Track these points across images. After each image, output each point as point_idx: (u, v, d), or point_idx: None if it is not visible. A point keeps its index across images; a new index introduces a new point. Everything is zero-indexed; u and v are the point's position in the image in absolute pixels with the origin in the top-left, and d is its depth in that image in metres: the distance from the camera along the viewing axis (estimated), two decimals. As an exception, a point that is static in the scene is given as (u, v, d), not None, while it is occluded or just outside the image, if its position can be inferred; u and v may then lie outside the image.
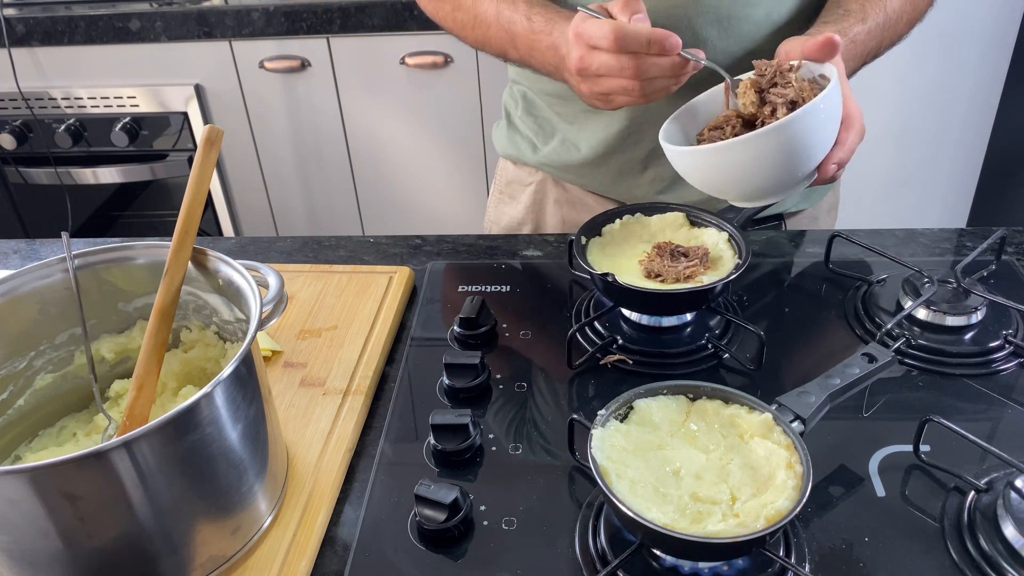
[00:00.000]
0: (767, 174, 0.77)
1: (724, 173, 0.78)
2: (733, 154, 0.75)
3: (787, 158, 0.75)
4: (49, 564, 0.58)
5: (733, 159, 0.76)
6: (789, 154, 0.75)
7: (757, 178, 0.77)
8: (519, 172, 1.16)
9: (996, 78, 2.03)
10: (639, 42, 0.75)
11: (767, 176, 0.77)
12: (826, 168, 0.78)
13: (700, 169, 0.80)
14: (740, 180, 0.78)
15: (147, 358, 0.66)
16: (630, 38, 0.75)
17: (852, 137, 0.78)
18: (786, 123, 0.73)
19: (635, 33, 0.75)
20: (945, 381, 0.78)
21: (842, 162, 0.78)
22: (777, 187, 0.79)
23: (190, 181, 0.66)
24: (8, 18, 1.84)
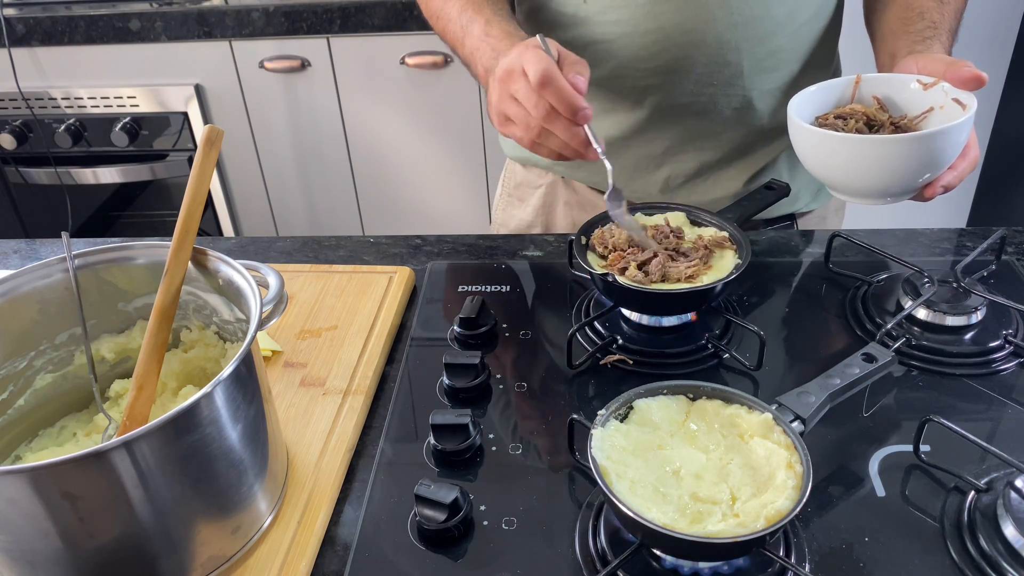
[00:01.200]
0: (886, 176, 0.81)
1: (849, 164, 0.82)
2: (867, 148, 0.79)
3: (912, 167, 0.79)
4: (49, 564, 0.58)
5: (866, 154, 0.80)
6: (916, 164, 0.79)
7: (875, 177, 0.81)
8: (528, 174, 1.16)
9: (996, 78, 2.03)
10: (558, 95, 0.75)
11: (885, 178, 0.81)
12: (934, 188, 0.81)
13: (828, 154, 0.83)
14: (858, 175, 0.82)
15: (147, 358, 0.66)
16: (553, 86, 0.75)
17: (964, 166, 0.81)
18: (931, 135, 0.78)
19: (560, 86, 0.75)
20: (945, 381, 0.78)
21: (949, 186, 0.82)
22: (886, 191, 0.83)
23: (190, 181, 0.66)
24: (8, 18, 1.84)
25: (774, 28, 0.94)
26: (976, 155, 0.83)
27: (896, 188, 0.82)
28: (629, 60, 0.97)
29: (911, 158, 0.79)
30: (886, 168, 0.80)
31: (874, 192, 0.83)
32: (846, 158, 0.81)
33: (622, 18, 0.94)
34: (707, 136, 1.01)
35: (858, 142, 0.80)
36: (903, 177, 0.80)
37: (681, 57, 0.95)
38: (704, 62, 0.94)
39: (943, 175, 0.81)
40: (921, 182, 0.81)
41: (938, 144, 0.78)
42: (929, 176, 0.81)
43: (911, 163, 0.79)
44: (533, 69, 0.75)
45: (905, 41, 0.90)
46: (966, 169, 0.82)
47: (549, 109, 0.76)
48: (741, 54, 0.94)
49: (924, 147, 0.78)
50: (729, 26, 0.92)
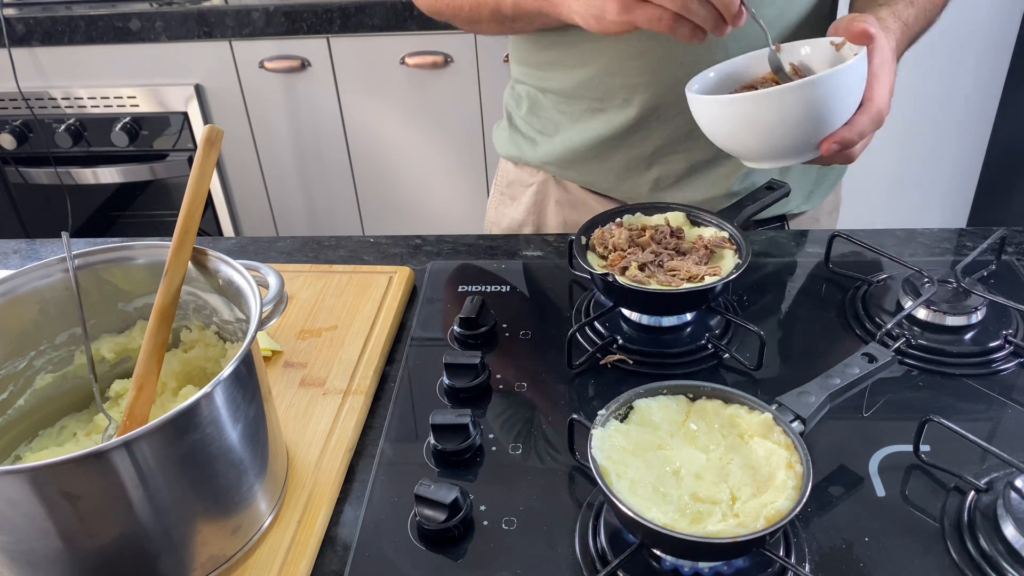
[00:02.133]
0: (776, 134, 0.79)
1: (737, 126, 0.80)
2: (750, 107, 0.78)
3: (797, 121, 0.77)
4: (49, 564, 0.58)
5: (750, 112, 0.78)
6: (800, 117, 0.77)
7: (766, 137, 0.79)
8: (520, 173, 1.16)
9: (996, 78, 2.03)
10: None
11: (775, 136, 0.79)
12: (827, 144, 0.79)
13: (719, 119, 0.82)
14: (750, 135, 0.80)
15: (147, 358, 0.66)
16: None
17: (863, 120, 0.79)
18: (804, 83, 0.75)
19: None
20: (945, 381, 0.78)
21: (845, 141, 0.79)
22: (782, 151, 0.80)
23: (190, 181, 0.66)
24: (8, 18, 1.84)
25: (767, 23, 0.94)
26: (879, 110, 0.79)
27: (790, 147, 0.79)
28: (618, 58, 0.97)
29: (794, 110, 0.76)
30: (772, 124, 0.78)
31: (770, 152, 0.81)
32: (731, 120, 0.80)
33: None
34: (696, 136, 1.01)
35: (734, 101, 0.78)
36: (793, 133, 0.78)
37: (669, 55, 0.95)
38: (692, 60, 0.94)
39: (838, 130, 0.78)
40: (815, 136, 0.78)
41: (818, 92, 0.75)
42: (820, 132, 0.78)
43: (796, 116, 0.76)
44: None
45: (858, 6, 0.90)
46: (867, 124, 0.79)
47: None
48: (728, 53, 0.94)
49: (804, 96, 0.75)
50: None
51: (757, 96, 0.77)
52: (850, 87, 0.77)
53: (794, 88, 0.76)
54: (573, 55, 1.00)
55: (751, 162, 0.85)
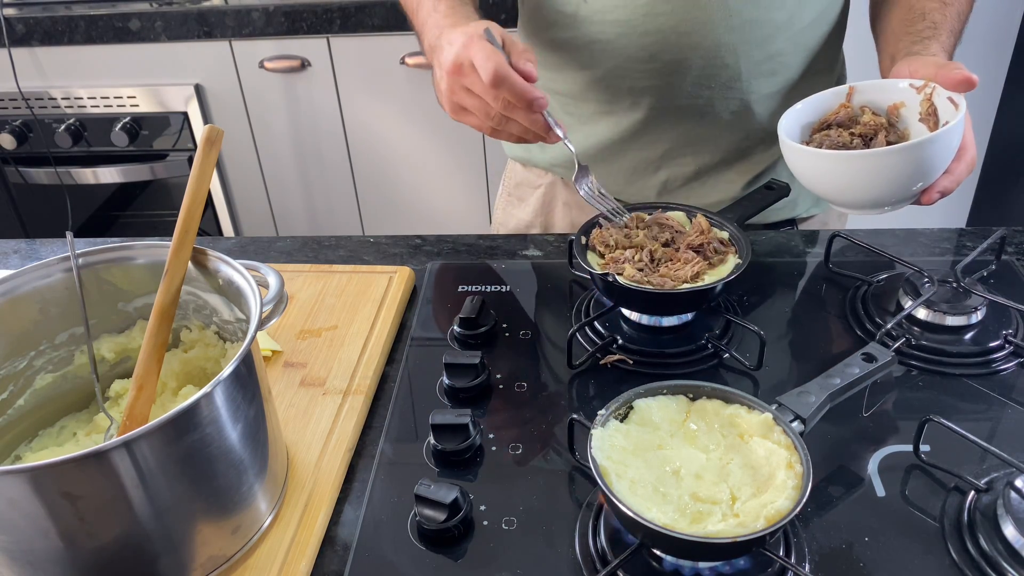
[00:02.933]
0: (880, 188, 0.81)
1: (840, 179, 0.82)
2: (858, 164, 0.79)
3: (905, 176, 0.79)
4: (49, 564, 0.58)
5: (857, 168, 0.80)
6: (909, 172, 0.79)
7: (868, 190, 0.81)
8: (528, 174, 1.16)
9: (996, 78, 2.03)
10: (512, 91, 0.76)
11: (878, 190, 0.81)
12: (931, 194, 0.81)
13: (818, 170, 0.83)
14: (851, 189, 0.82)
15: (147, 358, 0.66)
16: (507, 84, 0.75)
17: (961, 168, 0.81)
18: (920, 143, 0.77)
19: (513, 83, 0.75)
20: (945, 381, 0.78)
21: (946, 191, 0.81)
22: (881, 201, 0.83)
23: (190, 181, 0.66)
24: (8, 18, 1.84)
25: (773, 32, 0.94)
26: (973, 156, 0.82)
27: (891, 198, 0.82)
28: (627, 60, 0.97)
29: (903, 168, 0.78)
30: (878, 180, 0.80)
31: (870, 203, 0.83)
32: (837, 174, 0.81)
33: (621, 18, 0.94)
34: (705, 139, 1.01)
35: (847, 158, 0.80)
36: (896, 187, 0.80)
37: (678, 59, 0.95)
38: (701, 64, 0.94)
39: (939, 180, 0.81)
40: (916, 190, 0.81)
41: (928, 152, 0.77)
42: (923, 184, 0.80)
43: (903, 173, 0.79)
44: (484, 67, 0.75)
45: (905, 43, 0.90)
46: (963, 172, 0.81)
47: (506, 102, 0.77)
48: (739, 57, 0.94)
49: (915, 156, 0.78)
50: (727, 29, 0.92)
51: (867, 155, 0.79)
52: (957, 141, 0.79)
53: (908, 148, 0.77)
54: (581, 57, 1.00)
55: (845, 208, 0.86)
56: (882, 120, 0.86)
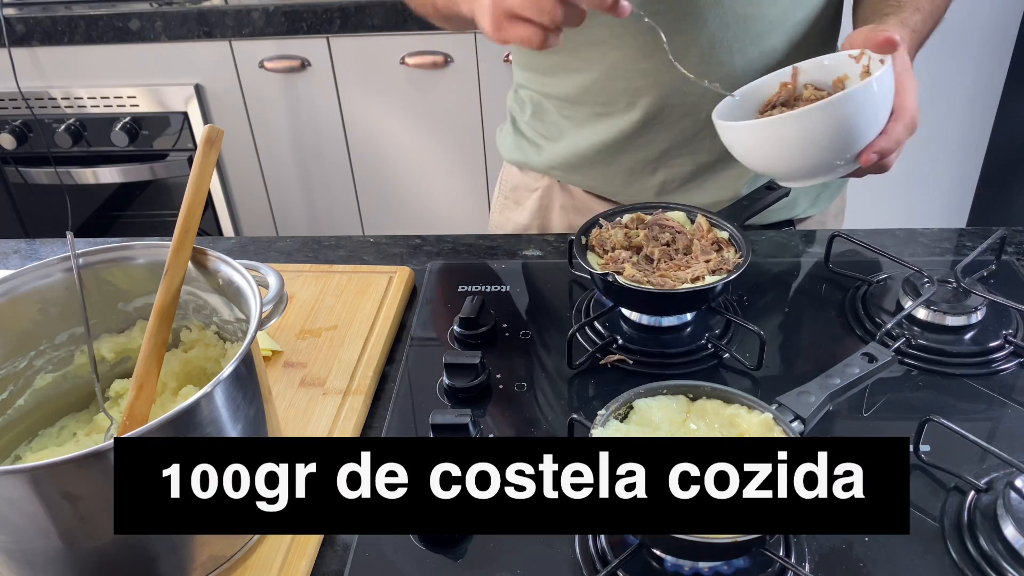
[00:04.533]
0: (813, 152, 0.78)
1: (772, 148, 0.80)
2: (783, 129, 0.77)
3: (833, 135, 0.77)
4: (49, 564, 0.58)
5: (782, 134, 0.78)
6: (836, 133, 0.77)
7: (803, 155, 0.79)
8: (525, 178, 1.15)
9: (996, 78, 2.03)
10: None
11: (813, 154, 0.79)
12: (866, 155, 0.79)
13: (749, 144, 0.81)
14: (787, 156, 0.80)
15: (147, 358, 0.66)
16: None
17: (898, 128, 0.79)
18: (837, 100, 0.75)
19: None
20: (945, 381, 0.78)
21: (883, 151, 0.79)
22: (821, 167, 0.80)
23: (190, 181, 0.66)
24: (8, 18, 1.84)
25: (767, 28, 0.94)
26: (912, 118, 0.79)
27: (826, 161, 0.79)
28: (622, 61, 0.96)
29: (828, 127, 0.76)
30: (807, 143, 0.77)
31: (807, 170, 0.81)
32: (767, 143, 0.80)
33: (615, 19, 0.93)
34: (702, 138, 1.01)
35: (770, 123, 0.78)
36: (828, 149, 0.78)
37: (674, 57, 0.94)
38: (696, 62, 0.94)
39: (875, 140, 0.78)
40: (849, 152, 0.79)
41: (851, 107, 0.75)
42: (856, 144, 0.78)
43: (830, 133, 0.76)
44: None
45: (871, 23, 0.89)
46: (901, 132, 0.79)
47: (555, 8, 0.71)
48: (733, 53, 0.94)
49: (838, 113, 0.75)
50: (721, 25, 0.92)
51: (788, 118, 0.77)
52: (881, 98, 0.77)
53: (826, 105, 0.75)
54: (575, 60, 1.00)
55: (789, 181, 0.85)
56: (823, 93, 0.84)
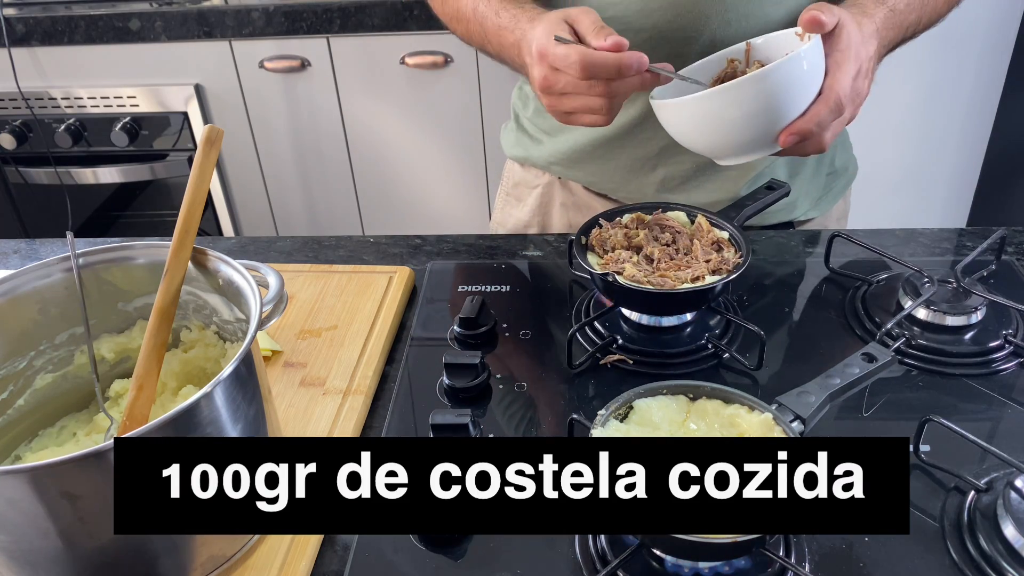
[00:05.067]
0: (733, 130, 0.78)
1: (696, 125, 0.80)
2: (703, 105, 0.77)
3: (752, 114, 0.76)
4: (49, 564, 0.58)
5: (703, 110, 0.78)
6: (754, 111, 0.76)
7: (724, 133, 0.79)
8: (526, 174, 1.16)
9: (996, 78, 2.03)
10: (607, 70, 0.75)
11: (733, 132, 0.79)
12: (784, 136, 0.78)
13: (679, 120, 0.81)
14: (708, 133, 0.80)
15: (147, 358, 0.66)
16: (598, 67, 0.74)
17: (821, 110, 0.77)
18: (754, 76, 0.75)
19: (603, 62, 0.74)
20: (945, 381, 0.78)
21: (804, 132, 0.77)
22: (742, 145, 0.80)
23: (190, 181, 0.66)
24: (8, 18, 1.84)
25: (769, 28, 0.94)
26: (837, 100, 0.77)
27: (748, 140, 0.79)
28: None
29: (747, 104, 0.76)
30: (728, 120, 0.77)
31: (731, 148, 0.81)
32: (692, 119, 0.80)
33: (615, 15, 0.93)
34: None
35: (693, 100, 0.78)
36: (749, 126, 0.77)
37: (673, 55, 0.94)
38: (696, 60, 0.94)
39: (795, 122, 0.77)
40: (773, 132, 0.78)
41: (769, 84, 0.75)
42: (779, 123, 0.77)
43: (749, 110, 0.76)
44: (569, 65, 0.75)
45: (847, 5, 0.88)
46: (825, 113, 0.77)
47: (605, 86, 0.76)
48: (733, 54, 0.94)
49: (756, 89, 0.75)
50: (722, 23, 0.92)
51: (707, 94, 0.77)
52: (800, 77, 0.76)
53: (742, 83, 0.75)
54: None
55: (719, 159, 0.85)
56: None
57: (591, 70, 0.75)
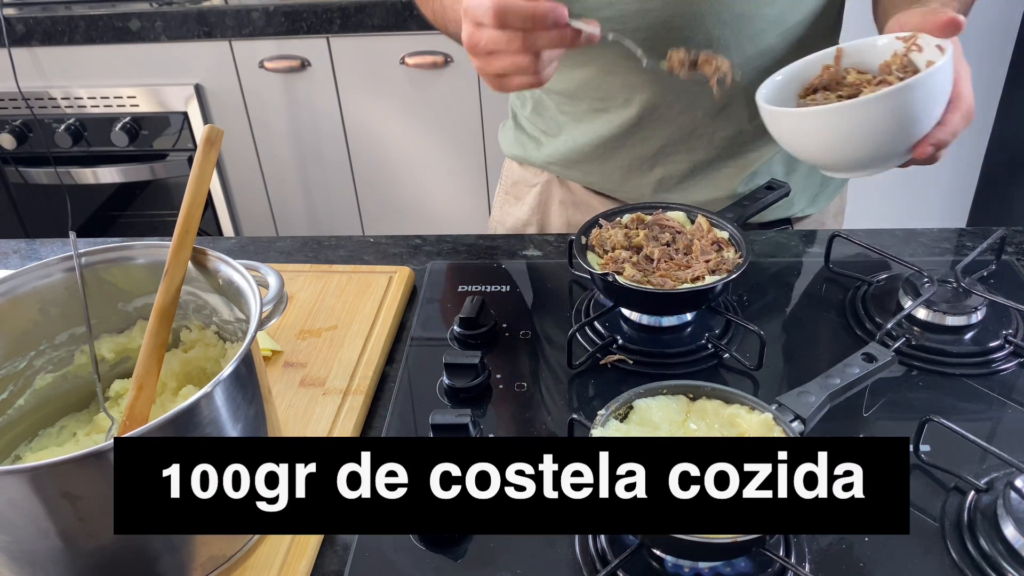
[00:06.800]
0: (867, 143, 0.74)
1: (823, 138, 0.76)
2: (838, 118, 0.73)
3: (891, 126, 0.73)
4: (49, 564, 0.58)
5: (836, 123, 0.74)
6: (896, 122, 0.73)
7: (856, 146, 0.75)
8: (524, 173, 1.16)
9: (996, 78, 2.03)
10: (521, 17, 0.71)
11: (866, 145, 0.75)
12: (923, 147, 0.75)
13: (798, 132, 0.77)
14: (838, 147, 0.76)
15: (147, 358, 0.66)
16: (511, 13, 0.70)
17: (956, 119, 0.75)
18: (897, 90, 0.71)
19: (516, 8, 0.70)
20: (945, 381, 0.78)
21: (941, 143, 0.76)
22: (874, 159, 0.76)
23: (190, 181, 0.66)
24: (8, 18, 1.84)
25: (764, 27, 0.94)
26: (969, 107, 0.76)
27: (881, 154, 0.76)
28: (618, 58, 0.97)
29: (886, 118, 0.72)
30: (862, 133, 0.74)
31: (859, 161, 0.77)
32: (820, 132, 0.76)
33: (612, 15, 0.94)
34: (699, 135, 1.01)
35: (824, 112, 0.74)
36: (884, 140, 0.74)
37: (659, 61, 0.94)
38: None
39: (933, 131, 0.75)
40: (905, 143, 0.75)
41: (911, 98, 0.71)
42: (913, 136, 0.75)
43: (888, 123, 0.72)
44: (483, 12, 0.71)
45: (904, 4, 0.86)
46: (959, 123, 0.76)
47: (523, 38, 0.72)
48: (731, 51, 0.94)
49: (897, 103, 0.71)
50: (718, 23, 0.92)
51: (845, 107, 0.73)
52: (944, 87, 0.73)
53: (889, 95, 0.71)
54: (573, 55, 1.00)
55: (835, 172, 0.81)
56: (868, 77, 0.80)
57: (504, 17, 0.71)
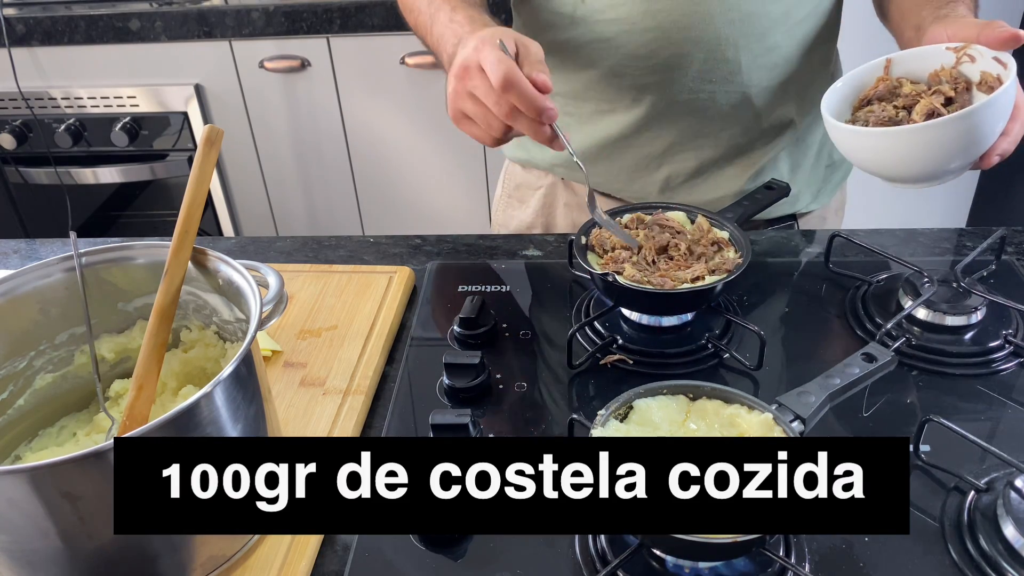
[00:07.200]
0: (937, 159, 0.77)
1: (892, 155, 0.78)
2: (910, 138, 0.76)
3: (962, 145, 0.76)
4: (49, 564, 0.58)
5: (908, 142, 0.76)
6: (966, 141, 0.76)
7: (927, 162, 0.78)
8: (528, 176, 1.15)
9: (996, 78, 2.03)
10: (525, 99, 0.73)
11: (937, 161, 0.77)
12: (990, 158, 0.78)
13: (869, 149, 0.80)
14: (906, 163, 0.78)
15: (147, 358, 0.66)
16: (516, 89, 0.73)
17: (1018, 128, 0.78)
18: (972, 111, 0.74)
19: (525, 89, 0.73)
20: (945, 381, 0.78)
21: (1005, 153, 0.78)
22: (941, 172, 0.79)
23: (190, 181, 0.66)
24: (8, 18, 1.84)
25: (770, 24, 0.94)
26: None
27: (948, 168, 0.78)
28: (627, 58, 0.97)
29: (958, 137, 0.75)
30: (934, 152, 0.76)
31: (927, 175, 0.79)
32: (890, 151, 0.78)
33: (620, 16, 0.94)
34: (706, 134, 1.01)
35: (898, 134, 0.76)
36: (953, 157, 0.77)
37: (679, 54, 0.95)
38: (702, 59, 0.94)
39: (998, 142, 0.78)
40: (973, 157, 0.78)
41: (983, 117, 0.74)
42: (980, 149, 0.77)
43: (959, 141, 0.75)
44: (494, 71, 0.73)
45: (928, 9, 0.88)
46: (1020, 131, 0.79)
47: (512, 108, 0.74)
48: (739, 50, 0.94)
49: (970, 123, 0.74)
50: (726, 22, 0.92)
51: (921, 128, 0.75)
52: (1010, 103, 0.76)
53: (964, 116, 0.74)
54: (580, 57, 1.00)
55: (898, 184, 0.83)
56: (922, 87, 0.82)
57: (510, 87, 0.73)
